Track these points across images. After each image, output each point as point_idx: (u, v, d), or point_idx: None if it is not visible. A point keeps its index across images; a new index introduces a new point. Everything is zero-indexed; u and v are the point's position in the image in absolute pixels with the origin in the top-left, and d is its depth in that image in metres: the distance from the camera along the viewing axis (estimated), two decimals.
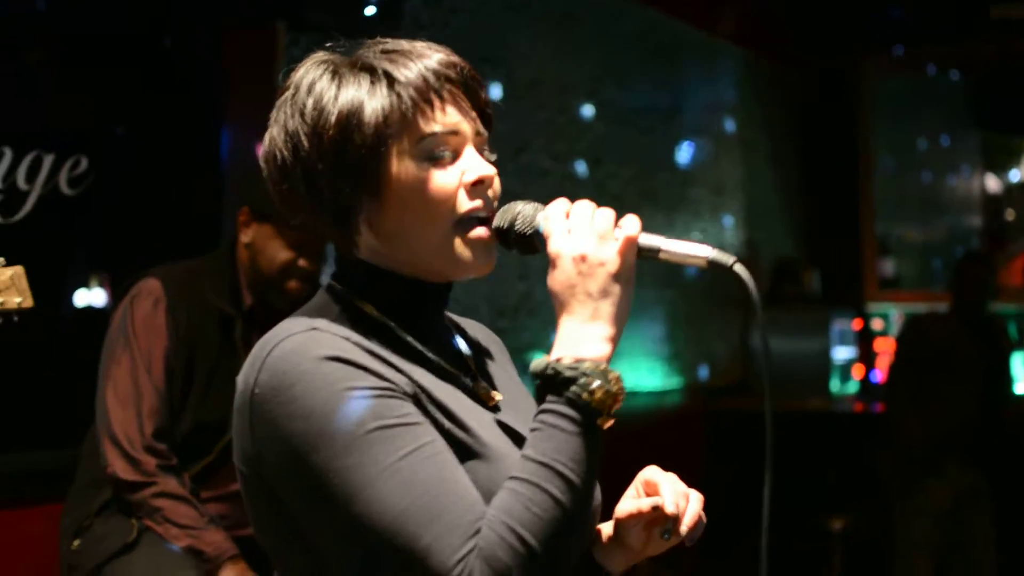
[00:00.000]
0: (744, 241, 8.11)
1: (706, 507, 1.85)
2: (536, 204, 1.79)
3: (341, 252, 1.84)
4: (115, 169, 4.18)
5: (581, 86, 6.57)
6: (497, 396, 1.86)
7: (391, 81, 1.73)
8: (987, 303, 6.43)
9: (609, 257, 1.67)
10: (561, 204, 1.75)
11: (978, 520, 6.27)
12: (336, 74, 1.76)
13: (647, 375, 6.90)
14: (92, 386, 3.56)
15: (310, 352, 1.64)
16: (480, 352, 1.97)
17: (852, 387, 7.94)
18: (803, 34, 8.83)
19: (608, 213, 1.72)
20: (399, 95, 1.72)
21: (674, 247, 1.73)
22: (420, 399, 1.68)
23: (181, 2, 4.45)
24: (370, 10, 4.55)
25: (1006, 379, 6.55)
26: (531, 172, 6.15)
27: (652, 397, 6.91)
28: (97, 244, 4.23)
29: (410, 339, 1.79)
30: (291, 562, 1.74)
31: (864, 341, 8.25)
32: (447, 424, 1.69)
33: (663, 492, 1.79)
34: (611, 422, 1.63)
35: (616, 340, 1.67)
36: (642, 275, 1.71)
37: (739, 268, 1.70)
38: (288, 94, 1.79)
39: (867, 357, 8.23)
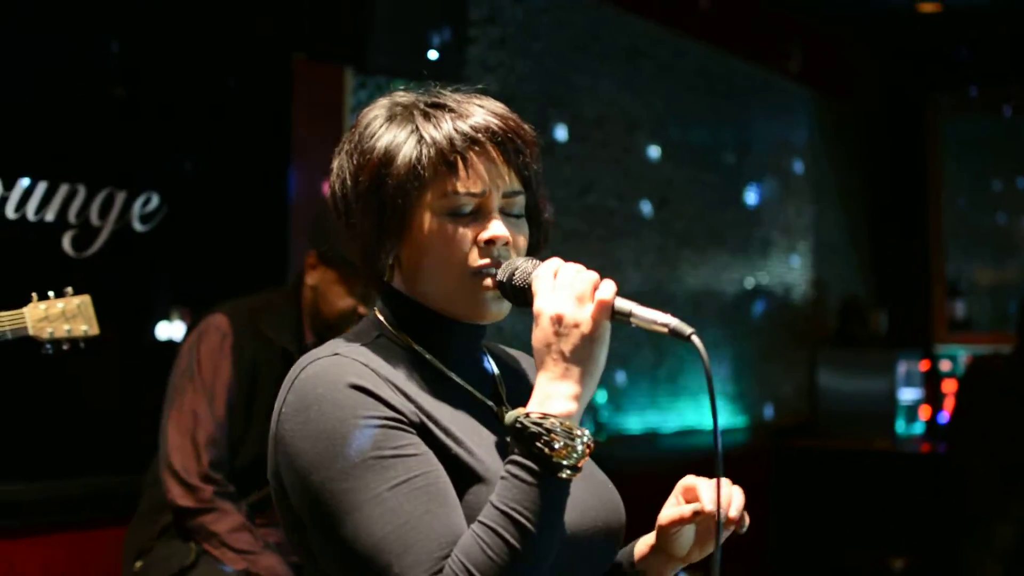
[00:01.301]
0: (812, 281, 8.14)
1: (771, 545, 1.93)
2: (535, 262, 1.87)
3: (370, 283, 1.97)
4: (185, 206, 4.32)
5: (647, 125, 6.66)
6: None
7: (420, 137, 1.85)
8: None
9: (583, 319, 1.74)
10: (551, 264, 1.83)
11: None
12: (390, 119, 1.88)
13: (709, 415, 6.93)
14: (159, 414, 3.71)
15: (329, 377, 1.78)
16: (516, 380, 2.07)
17: (918, 428, 7.93)
18: (874, 74, 8.86)
19: (590, 276, 1.79)
20: (422, 152, 1.84)
21: (643, 312, 1.79)
22: (427, 426, 1.79)
23: (252, 45, 4.59)
24: (433, 54, 4.67)
25: None
26: (597, 212, 6.23)
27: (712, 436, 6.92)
28: (166, 279, 4.37)
29: (439, 365, 1.91)
30: (313, 569, 1.86)
31: (931, 382, 8.24)
32: (453, 448, 1.80)
33: (701, 494, 1.88)
34: (575, 475, 1.71)
35: (584, 398, 1.75)
36: (708, 315, 1.80)
37: (695, 339, 1.77)
38: (354, 130, 1.92)
39: (934, 398, 8.22)
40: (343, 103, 4.85)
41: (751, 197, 7.54)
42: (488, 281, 1.87)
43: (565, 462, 1.70)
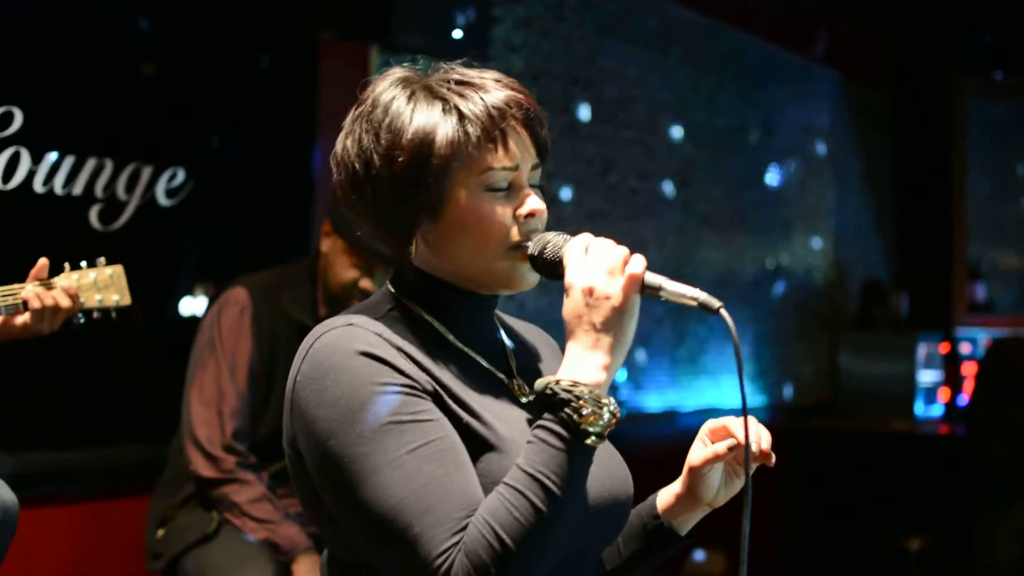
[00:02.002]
0: (833, 262, 8.15)
1: (789, 524, 1.99)
2: (565, 236, 1.92)
3: (398, 261, 1.99)
4: (211, 181, 4.37)
5: (670, 107, 6.67)
6: (530, 395, 1.99)
7: (460, 115, 1.86)
8: None
9: (614, 292, 1.79)
10: (583, 239, 1.88)
11: None
12: (411, 98, 1.89)
13: (731, 393, 6.97)
14: (183, 386, 3.77)
15: (343, 346, 1.82)
16: (527, 353, 2.12)
17: (937, 410, 7.94)
18: (899, 57, 8.85)
19: (620, 251, 1.83)
20: (466, 131, 1.86)
21: (672, 287, 1.85)
22: (440, 396, 1.84)
23: (278, 21, 4.63)
24: (458, 33, 4.70)
25: None
26: (619, 191, 6.25)
27: (736, 414, 6.94)
28: (192, 253, 4.43)
29: (451, 337, 1.95)
30: (331, 538, 1.91)
31: (951, 365, 8.25)
32: (465, 418, 1.84)
33: (733, 430, 1.99)
34: (600, 442, 1.76)
35: (613, 369, 1.80)
36: (729, 296, 1.85)
37: (724, 312, 1.82)
38: (364, 108, 1.92)
39: (954, 381, 8.23)
40: (367, 79, 4.86)
41: (773, 179, 7.55)
42: (525, 254, 1.91)
43: (592, 429, 1.74)
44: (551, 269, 1.90)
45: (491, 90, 1.90)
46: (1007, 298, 9.08)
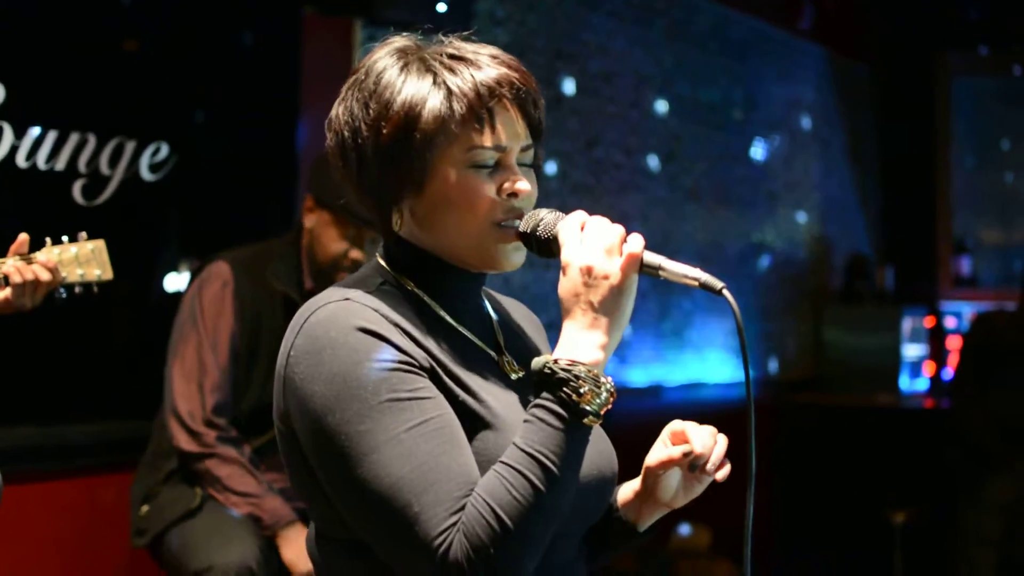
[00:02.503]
0: (817, 237, 8.16)
1: (774, 498, 1.98)
2: (558, 214, 1.91)
3: (382, 232, 1.99)
4: (195, 156, 4.35)
5: (655, 81, 6.66)
6: (519, 371, 1.99)
7: (448, 91, 1.85)
8: None
9: (612, 271, 1.79)
10: (578, 216, 1.87)
11: None
12: (404, 69, 1.88)
13: (716, 368, 6.98)
14: (165, 361, 3.76)
15: (340, 321, 1.81)
16: (513, 329, 2.11)
17: (922, 384, 7.97)
18: (883, 31, 8.84)
19: (617, 229, 1.83)
20: (452, 107, 1.85)
21: (672, 266, 1.84)
22: (436, 372, 1.83)
23: None
24: (442, 7, 4.68)
25: None
26: (604, 166, 6.25)
27: (720, 389, 6.99)
28: (176, 228, 4.41)
29: (442, 313, 1.94)
30: (321, 514, 1.90)
31: (936, 339, 8.26)
32: (461, 395, 1.84)
33: (691, 436, 1.94)
34: (598, 422, 1.76)
35: (610, 348, 1.80)
36: (714, 270, 1.85)
37: (726, 293, 1.83)
38: (358, 76, 1.92)
39: (939, 354, 8.25)
40: (352, 55, 4.86)
41: (758, 153, 7.55)
42: (511, 235, 1.90)
43: (590, 408, 1.74)
44: (544, 247, 1.90)
45: (484, 67, 1.89)
46: (991, 272, 9.11)
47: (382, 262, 1.99)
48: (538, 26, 5.83)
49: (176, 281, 4.39)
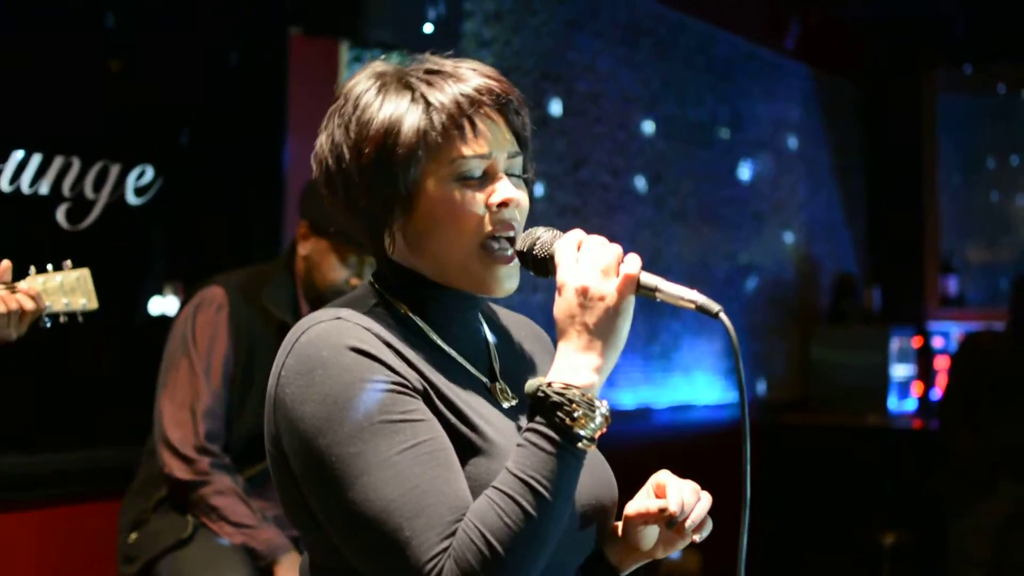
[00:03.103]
0: (804, 257, 8.15)
1: (762, 519, 1.93)
2: (555, 232, 1.88)
3: (374, 256, 1.96)
4: (180, 179, 4.31)
5: (641, 101, 6.64)
6: (512, 399, 1.96)
7: (427, 104, 1.83)
8: None
9: (608, 292, 1.76)
10: (574, 235, 1.84)
11: None
12: (382, 89, 1.86)
13: (705, 389, 6.96)
14: (154, 387, 3.71)
15: (332, 340, 1.77)
16: (513, 353, 2.07)
17: (911, 404, 7.95)
18: (869, 50, 8.85)
19: (614, 250, 1.80)
20: (432, 120, 1.82)
21: (669, 288, 1.81)
22: (429, 396, 1.80)
23: (247, 17, 4.58)
24: (429, 28, 4.66)
25: None
26: (590, 186, 6.22)
27: (710, 411, 6.96)
28: (161, 252, 4.37)
29: (435, 337, 1.91)
30: (315, 542, 1.86)
31: (924, 359, 8.25)
32: (453, 420, 1.80)
33: (669, 494, 1.89)
34: (592, 446, 1.72)
35: (605, 371, 1.77)
36: (701, 291, 1.81)
37: (723, 316, 1.79)
38: (338, 103, 1.90)
39: (927, 375, 8.23)
40: (338, 77, 4.83)
41: (745, 173, 7.54)
42: (504, 252, 1.87)
43: (584, 433, 1.71)
44: (540, 266, 1.87)
45: (464, 78, 1.87)
46: (977, 291, 9.10)
47: (375, 285, 1.96)
48: (524, 47, 5.82)
49: (162, 305, 4.35)
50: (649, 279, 1.80)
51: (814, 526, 7.16)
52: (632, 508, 1.94)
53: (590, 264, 1.78)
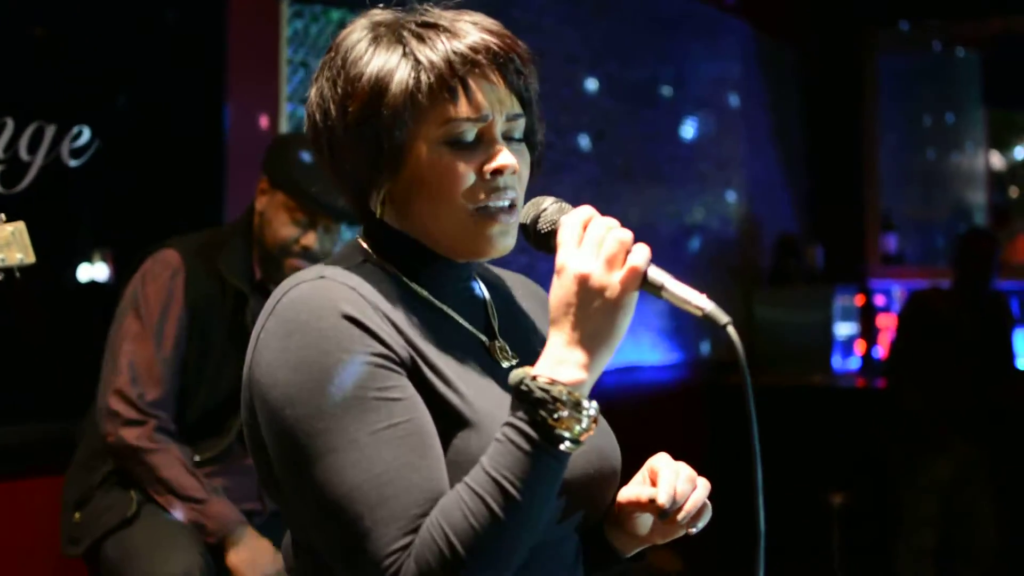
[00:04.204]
0: (746, 216, 8.09)
1: (710, 479, 1.85)
2: (563, 205, 1.77)
3: (360, 218, 1.85)
4: (117, 140, 4.15)
5: (584, 59, 6.54)
6: (512, 359, 1.85)
7: (416, 62, 1.71)
8: (990, 279, 6.41)
9: (611, 284, 1.62)
10: (582, 213, 1.70)
11: (979, 494, 6.27)
12: (373, 41, 1.75)
13: (649, 350, 6.89)
14: (93, 358, 3.55)
15: (313, 302, 1.66)
16: (512, 311, 1.96)
17: (854, 363, 7.92)
18: (808, 8, 8.80)
19: (622, 236, 1.66)
20: (419, 78, 1.71)
21: (677, 289, 1.67)
22: (416, 364, 1.68)
23: None
24: None
25: (1008, 355, 6.53)
26: None
27: (656, 372, 6.90)
28: (99, 215, 4.20)
29: (426, 294, 1.80)
30: (294, 519, 1.76)
31: (866, 317, 8.23)
32: (441, 388, 1.69)
33: (660, 483, 1.78)
34: (575, 448, 1.60)
35: (597, 368, 1.63)
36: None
37: (731, 330, 1.66)
38: (330, 55, 1.79)
39: (869, 333, 8.21)
40: (279, 33, 4.69)
41: (688, 131, 7.46)
42: (498, 221, 1.75)
43: (567, 434, 1.58)
44: (543, 242, 1.75)
45: (460, 34, 1.74)
46: (915, 249, 9.11)
47: (363, 243, 1.84)
48: (466, 4, 5.66)
49: (101, 270, 4.19)
50: (657, 275, 1.66)
51: (762, 487, 7.12)
52: (624, 495, 1.84)
53: (594, 250, 1.64)
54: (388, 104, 1.70)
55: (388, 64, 1.72)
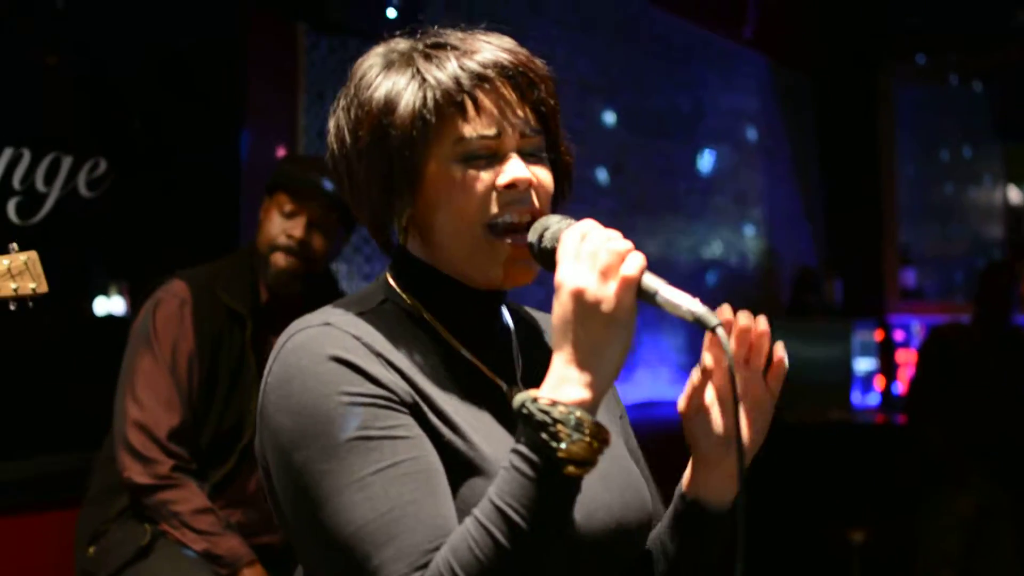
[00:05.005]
0: (765, 250, 8.05)
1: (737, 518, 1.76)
2: (569, 220, 1.70)
3: (382, 248, 1.81)
4: (134, 171, 4.12)
5: (602, 91, 6.51)
6: None
7: (423, 80, 1.69)
8: (1010, 314, 6.36)
9: (606, 297, 1.56)
10: (581, 227, 1.64)
11: (1001, 531, 6.20)
12: (385, 67, 1.73)
13: (667, 385, 6.83)
14: (108, 390, 3.51)
15: (314, 349, 1.63)
16: (539, 352, 1.89)
17: (873, 399, 7.85)
18: (826, 42, 8.78)
19: (617, 247, 1.59)
20: (426, 97, 1.68)
21: (668, 294, 1.60)
22: (420, 408, 1.64)
23: (203, 3, 4.39)
24: (392, 13, 4.50)
25: None
26: None
27: (673, 408, 6.83)
28: (115, 246, 4.16)
29: (447, 336, 1.76)
30: (307, 555, 1.72)
31: (886, 352, 8.16)
32: (447, 435, 1.65)
33: (705, 354, 1.75)
34: (582, 472, 1.53)
35: (601, 386, 1.56)
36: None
37: (720, 332, 1.59)
38: (348, 83, 1.77)
39: (889, 368, 8.14)
40: (297, 62, 4.66)
41: (705, 165, 7.42)
42: (513, 240, 1.70)
43: (572, 457, 1.51)
44: (546, 258, 1.68)
45: (471, 51, 1.73)
46: (933, 284, 9.07)
47: (389, 278, 1.81)
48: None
49: (116, 301, 4.16)
50: (650, 282, 1.60)
51: (782, 523, 7.04)
52: (681, 400, 1.80)
53: (589, 263, 1.57)
54: (397, 125, 1.68)
55: (396, 86, 1.70)
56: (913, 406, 6.46)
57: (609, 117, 6.54)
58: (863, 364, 7.74)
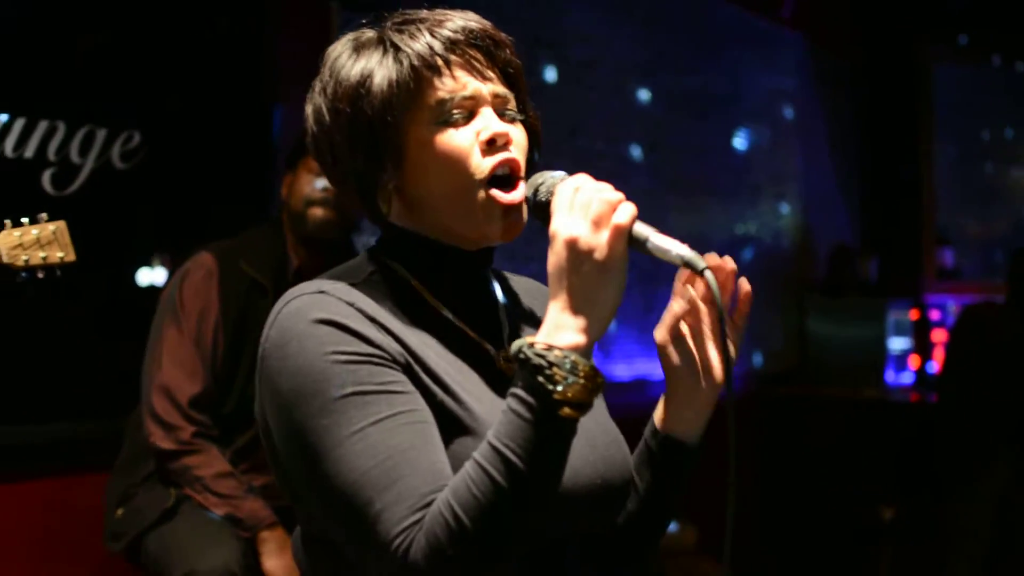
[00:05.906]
0: (801, 227, 8.05)
1: (759, 493, 1.82)
2: (563, 175, 1.76)
3: (371, 221, 1.88)
4: (167, 144, 4.21)
5: (637, 69, 6.54)
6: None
7: (396, 51, 1.76)
8: None
9: (598, 245, 1.62)
10: (575, 181, 1.70)
11: None
12: (356, 49, 1.81)
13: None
14: (140, 358, 3.61)
15: (308, 314, 1.69)
16: (525, 317, 1.97)
17: (907, 377, 7.85)
18: (865, 21, 8.76)
19: (608, 197, 1.65)
20: (402, 64, 1.75)
21: (658, 240, 1.67)
22: (413, 368, 1.70)
23: None
24: None
25: None
26: (586, 155, 6.13)
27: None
28: (148, 218, 4.25)
29: (435, 302, 1.82)
30: (307, 514, 1.79)
31: (921, 331, 8.15)
32: (440, 395, 1.71)
33: (675, 288, 1.84)
34: (577, 414, 1.59)
35: (594, 331, 1.63)
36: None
37: (708, 275, 1.67)
38: (321, 72, 1.85)
39: (923, 347, 8.14)
40: (330, 39, 4.70)
41: (741, 143, 7.44)
42: (503, 193, 1.78)
43: (568, 399, 1.58)
44: (541, 211, 1.75)
45: (439, 21, 1.80)
46: (973, 264, 9.03)
47: (376, 248, 1.89)
48: (516, 13, 5.71)
49: (149, 275, 4.24)
50: (641, 229, 1.67)
51: (812, 500, 7.08)
52: (658, 336, 1.87)
53: (582, 213, 1.64)
54: (375, 95, 1.75)
55: (371, 62, 1.77)
56: (944, 385, 6.47)
57: (644, 95, 6.57)
58: (897, 343, 7.74)
